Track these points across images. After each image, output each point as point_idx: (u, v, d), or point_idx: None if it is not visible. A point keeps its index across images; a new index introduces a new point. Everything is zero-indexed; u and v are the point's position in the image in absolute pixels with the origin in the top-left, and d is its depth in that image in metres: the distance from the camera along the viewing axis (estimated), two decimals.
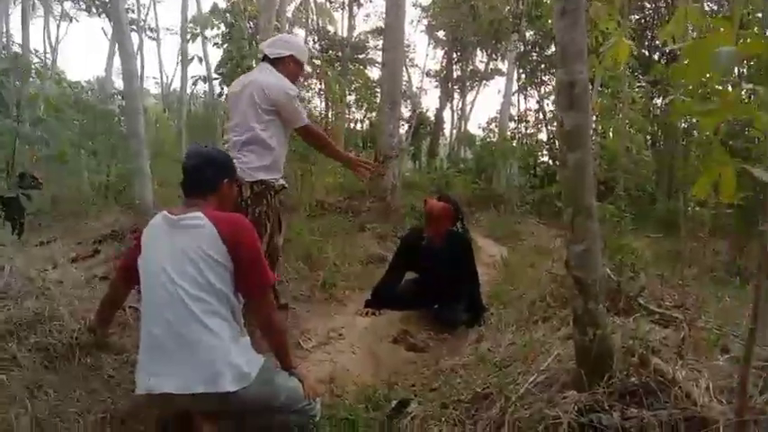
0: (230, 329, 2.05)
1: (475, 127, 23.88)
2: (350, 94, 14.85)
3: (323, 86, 16.15)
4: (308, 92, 15.75)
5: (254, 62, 6.97)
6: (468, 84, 24.00)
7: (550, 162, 13.87)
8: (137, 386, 2.08)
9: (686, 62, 1.45)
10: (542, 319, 3.75)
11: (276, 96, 3.33)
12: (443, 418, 2.57)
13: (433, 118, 23.89)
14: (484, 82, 24.46)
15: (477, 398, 2.72)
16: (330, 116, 15.60)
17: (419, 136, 22.37)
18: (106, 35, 17.99)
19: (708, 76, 1.75)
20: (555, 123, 17.69)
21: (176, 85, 18.38)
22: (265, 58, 3.53)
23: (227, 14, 7.96)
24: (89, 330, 2.76)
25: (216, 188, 2.29)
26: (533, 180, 13.48)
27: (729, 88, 2.20)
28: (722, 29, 1.33)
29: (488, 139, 16.69)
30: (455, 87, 23.77)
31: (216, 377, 1.92)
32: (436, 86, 24.31)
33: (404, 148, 9.98)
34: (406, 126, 20.49)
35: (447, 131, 25.27)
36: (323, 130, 5.10)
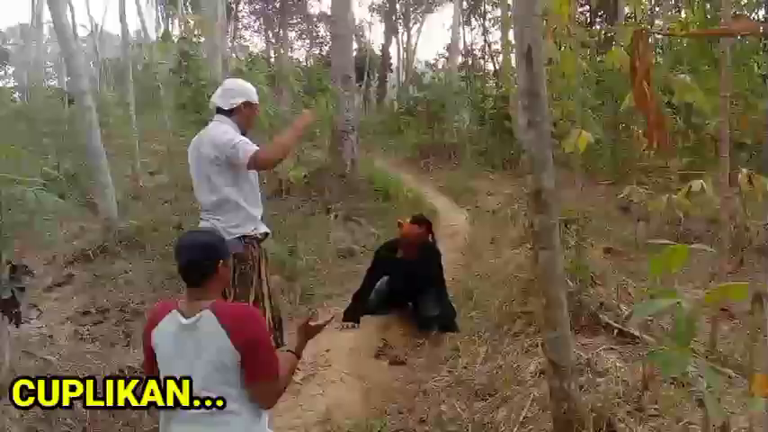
0: (248, 421, 2.26)
1: (422, 63, 23.43)
2: None
3: None
4: None
5: None
6: (412, 15, 23.66)
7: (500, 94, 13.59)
8: None
9: None
10: (513, 335, 4.11)
11: (223, 152, 3.30)
12: None
13: (379, 53, 23.55)
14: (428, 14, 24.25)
15: None
16: None
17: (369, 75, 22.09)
18: None
19: None
20: (500, 56, 17.73)
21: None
22: (219, 110, 3.49)
23: None
24: None
25: (214, 273, 2.42)
26: (484, 130, 13.65)
27: None
28: None
29: (437, 79, 16.63)
30: (399, 20, 23.41)
31: None
32: (381, 21, 23.88)
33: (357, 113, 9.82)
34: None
35: (395, 69, 25.00)
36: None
